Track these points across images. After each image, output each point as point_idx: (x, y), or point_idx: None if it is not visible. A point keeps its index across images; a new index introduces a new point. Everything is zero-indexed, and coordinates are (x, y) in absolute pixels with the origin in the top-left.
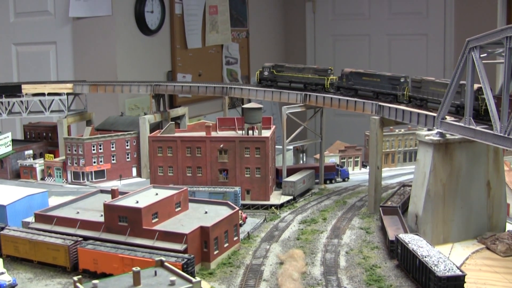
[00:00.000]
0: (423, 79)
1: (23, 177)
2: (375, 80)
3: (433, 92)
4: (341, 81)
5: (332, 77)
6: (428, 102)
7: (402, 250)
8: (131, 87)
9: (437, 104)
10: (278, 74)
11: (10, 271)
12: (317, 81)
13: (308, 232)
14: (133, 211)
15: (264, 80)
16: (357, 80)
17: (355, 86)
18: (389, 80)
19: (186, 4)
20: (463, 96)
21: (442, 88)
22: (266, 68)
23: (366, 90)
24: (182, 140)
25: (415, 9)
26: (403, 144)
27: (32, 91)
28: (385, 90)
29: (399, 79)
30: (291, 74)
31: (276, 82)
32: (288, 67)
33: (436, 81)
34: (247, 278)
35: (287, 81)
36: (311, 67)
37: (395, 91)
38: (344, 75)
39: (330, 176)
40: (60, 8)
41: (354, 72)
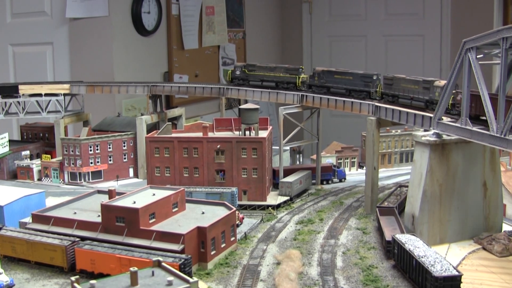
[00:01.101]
0: (395, 76)
1: (20, 177)
2: (347, 78)
3: (404, 89)
4: (313, 80)
5: (303, 75)
6: (400, 98)
7: (399, 251)
8: (128, 88)
9: (408, 100)
10: (250, 73)
11: (8, 271)
12: (288, 80)
13: (305, 233)
14: (130, 212)
15: (235, 79)
16: (329, 78)
17: (327, 84)
18: (361, 77)
19: (182, 5)
20: (431, 91)
21: (412, 85)
22: (237, 67)
23: (339, 88)
24: (179, 141)
25: (411, 10)
26: (400, 145)
27: (29, 91)
28: (358, 88)
29: (372, 77)
30: (262, 73)
31: (247, 81)
32: (260, 66)
33: (406, 78)
34: (244, 278)
35: (259, 80)
36: (283, 66)
37: (368, 88)
38: (316, 73)
39: (327, 177)
40: (56, 9)
41: (326, 70)
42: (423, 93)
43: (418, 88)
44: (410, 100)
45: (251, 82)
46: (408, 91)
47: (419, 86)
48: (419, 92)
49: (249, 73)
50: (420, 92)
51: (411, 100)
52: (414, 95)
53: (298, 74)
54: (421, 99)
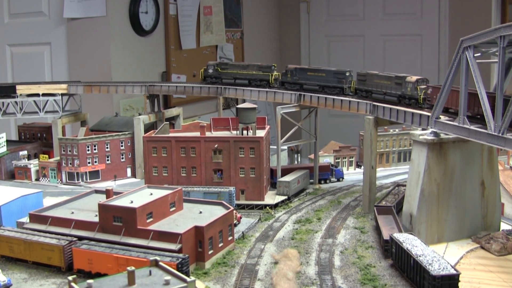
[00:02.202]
0: (368, 72)
1: (18, 177)
2: (320, 75)
3: (377, 84)
4: (286, 77)
5: (275, 73)
6: (373, 94)
7: (397, 250)
8: (126, 88)
9: (381, 95)
10: (223, 72)
11: (5, 271)
12: (261, 77)
13: (302, 232)
14: (127, 211)
15: (208, 78)
16: (302, 75)
17: (300, 81)
18: (334, 74)
19: (180, 4)
20: (403, 87)
21: (385, 81)
22: (210, 66)
23: (312, 84)
24: (176, 140)
25: (409, 10)
26: (397, 144)
27: (26, 91)
28: (331, 84)
29: (345, 73)
30: (235, 71)
31: (220, 79)
32: (232, 64)
33: (379, 74)
34: (242, 277)
35: (232, 77)
36: (255, 64)
37: (341, 84)
38: (289, 71)
39: (325, 176)
40: (54, 9)
41: (298, 68)
42: (395, 89)
43: (391, 83)
44: (383, 95)
45: (224, 80)
46: (381, 87)
47: (391, 82)
48: (391, 87)
49: (222, 71)
50: (393, 87)
51: (384, 95)
52: (387, 91)
53: (271, 72)
54: (393, 94)
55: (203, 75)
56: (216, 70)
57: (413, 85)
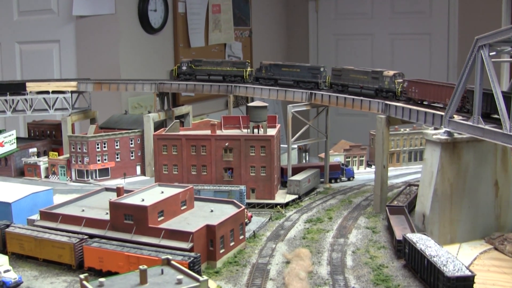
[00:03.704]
0: (343, 68)
1: (27, 175)
2: (295, 71)
3: (353, 79)
4: (260, 72)
5: (249, 69)
6: (349, 88)
7: (410, 250)
8: (135, 85)
9: (358, 89)
10: (197, 68)
11: (16, 268)
12: (235, 73)
13: (314, 231)
14: (138, 209)
15: (182, 74)
16: (277, 71)
17: (274, 76)
18: (309, 70)
19: (189, 3)
20: (381, 81)
21: (361, 75)
22: (184, 63)
23: (287, 80)
24: (187, 139)
25: (418, 8)
26: (408, 144)
27: (36, 89)
28: (306, 79)
29: (319, 69)
30: (210, 67)
31: (194, 75)
32: (206, 61)
33: (355, 69)
34: (254, 277)
35: (206, 74)
36: (229, 60)
37: (316, 79)
38: (264, 66)
39: (335, 175)
40: (63, 7)
41: (273, 64)
42: (372, 83)
43: (367, 78)
44: (360, 89)
45: (198, 76)
46: (357, 81)
47: (368, 77)
48: (368, 81)
49: (195, 68)
50: (370, 81)
51: (361, 89)
52: (364, 84)
53: (245, 68)
54: (370, 88)
55: (177, 72)
56: (190, 67)
57: (391, 79)
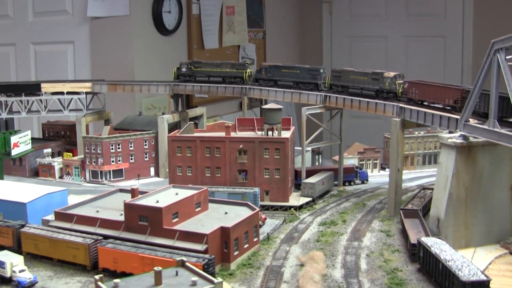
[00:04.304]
0: (343, 69)
1: (42, 175)
2: (294, 72)
3: (353, 80)
4: (260, 74)
5: (249, 70)
6: (349, 89)
7: (424, 254)
8: (150, 87)
9: (358, 90)
10: (196, 70)
11: (30, 268)
12: (235, 74)
13: (328, 234)
14: (153, 211)
15: (182, 76)
16: (276, 72)
17: (274, 77)
18: (308, 71)
19: (203, 4)
20: (381, 82)
21: (361, 77)
22: (183, 64)
23: (286, 81)
24: (201, 140)
25: (432, 11)
26: (423, 147)
27: (51, 89)
28: (306, 80)
29: (319, 70)
30: (209, 69)
31: (194, 77)
32: (206, 63)
33: (355, 71)
34: (268, 279)
35: (206, 75)
36: (229, 62)
37: (315, 81)
38: (263, 68)
39: (349, 178)
40: (78, 8)
41: (273, 65)
42: (372, 84)
43: (367, 79)
44: (360, 90)
45: (197, 78)
46: (357, 82)
47: (368, 78)
48: (368, 82)
49: (195, 69)
50: (370, 82)
51: (361, 90)
52: (364, 86)
53: (245, 69)
54: (371, 89)
55: (176, 74)
56: (190, 69)
57: (391, 80)
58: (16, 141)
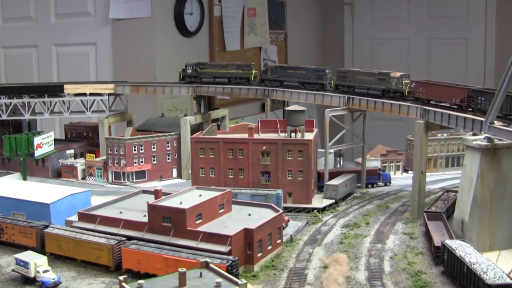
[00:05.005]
0: (349, 70)
1: (64, 176)
2: (300, 72)
3: (359, 80)
4: (265, 74)
5: (254, 71)
6: (355, 89)
7: (449, 257)
8: (172, 88)
9: (365, 90)
10: (202, 71)
11: (54, 269)
12: (241, 75)
13: (351, 236)
14: (177, 212)
15: (187, 77)
16: (282, 73)
17: (280, 78)
18: (314, 71)
19: (225, 6)
20: (388, 82)
21: (367, 77)
22: (188, 66)
23: (292, 81)
24: (224, 142)
25: (455, 13)
26: (445, 149)
27: (74, 91)
28: (312, 80)
29: (324, 71)
30: (215, 70)
31: (199, 78)
32: (211, 64)
33: (361, 71)
34: (291, 281)
35: (211, 77)
36: (234, 63)
37: (321, 81)
38: (269, 68)
39: (372, 180)
40: (100, 10)
41: (278, 66)
42: (379, 84)
43: (374, 79)
44: (366, 89)
45: (203, 79)
46: (364, 82)
47: (374, 78)
48: (374, 82)
49: (201, 71)
50: (376, 82)
51: (368, 90)
52: (370, 86)
53: (250, 70)
54: (377, 89)
55: (181, 75)
56: (195, 70)
57: (398, 80)
58: (40, 142)
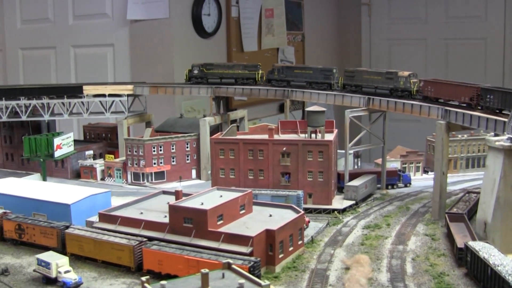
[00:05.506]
0: (356, 69)
1: (83, 177)
2: (307, 72)
3: (367, 79)
4: (272, 75)
5: (261, 71)
6: (363, 88)
7: (472, 258)
8: (191, 89)
9: (372, 89)
10: (208, 72)
11: (75, 269)
12: (247, 76)
13: (372, 238)
14: (198, 213)
15: (193, 78)
16: (289, 73)
17: (287, 78)
18: (321, 71)
19: (242, 7)
20: (396, 81)
21: (375, 76)
22: (195, 67)
23: (299, 81)
24: (244, 143)
25: (473, 13)
26: (466, 150)
27: (93, 92)
28: (319, 80)
29: (332, 70)
30: (221, 71)
31: (206, 79)
32: (218, 65)
33: (369, 71)
34: (313, 282)
35: (218, 77)
36: (241, 64)
37: (328, 81)
38: (276, 69)
39: (392, 181)
40: (118, 11)
41: (285, 66)
42: (386, 83)
43: (382, 78)
44: (374, 89)
45: (210, 80)
46: (371, 82)
47: (382, 77)
48: (382, 82)
49: (207, 71)
50: (384, 82)
51: (376, 89)
52: (378, 85)
53: (257, 70)
54: (385, 88)
55: (188, 76)
56: (202, 71)
57: (406, 79)
58: (59, 143)
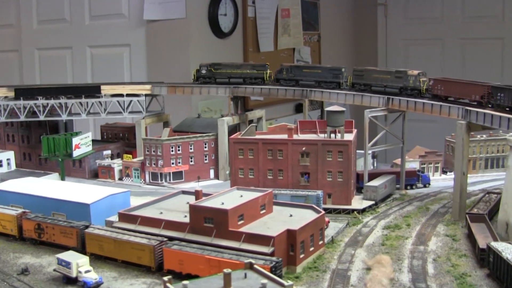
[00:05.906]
0: (365, 68)
1: (101, 176)
2: (316, 71)
3: (376, 78)
4: (281, 74)
5: (269, 71)
6: (372, 87)
7: (495, 259)
8: (210, 89)
9: (382, 88)
10: (217, 72)
11: (95, 269)
12: (256, 75)
13: (392, 238)
14: (219, 213)
15: (201, 78)
16: (298, 72)
17: (295, 77)
18: (330, 70)
19: (258, 7)
20: (405, 80)
21: (384, 75)
22: (203, 66)
23: (308, 80)
24: (263, 143)
25: (490, 12)
26: (485, 150)
27: (111, 91)
28: (328, 79)
29: (340, 69)
30: (230, 70)
31: (214, 78)
32: (226, 64)
33: (378, 70)
34: (334, 283)
35: (226, 77)
36: (249, 63)
37: (337, 80)
38: (284, 68)
39: (411, 182)
40: (134, 11)
41: (294, 65)
42: (396, 82)
43: (391, 77)
44: (383, 87)
45: (218, 79)
46: (380, 81)
47: (391, 76)
48: (392, 80)
49: (215, 71)
50: (393, 80)
51: (385, 88)
52: (387, 84)
53: (265, 70)
54: (394, 87)
55: (196, 76)
56: (210, 71)
57: (416, 77)
58: (78, 142)
